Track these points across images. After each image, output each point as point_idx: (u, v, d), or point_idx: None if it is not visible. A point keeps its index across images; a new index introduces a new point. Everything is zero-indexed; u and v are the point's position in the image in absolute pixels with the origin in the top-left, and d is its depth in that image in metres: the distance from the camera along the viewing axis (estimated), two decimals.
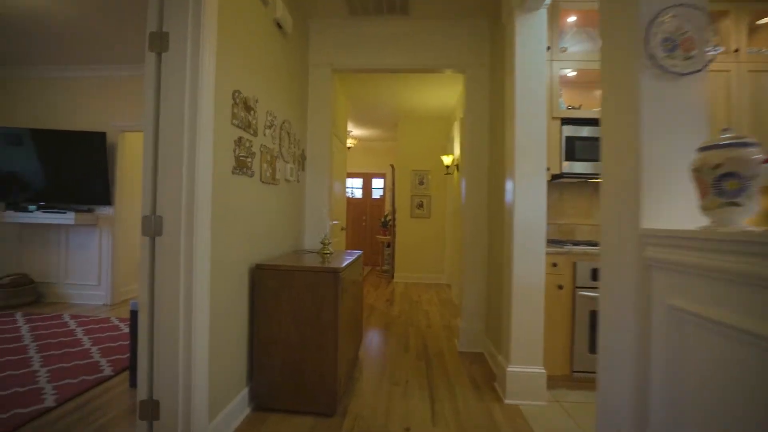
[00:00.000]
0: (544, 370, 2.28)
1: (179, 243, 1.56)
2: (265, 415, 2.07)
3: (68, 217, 4.12)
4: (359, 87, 4.95)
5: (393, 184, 6.76)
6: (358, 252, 2.94)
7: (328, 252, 2.68)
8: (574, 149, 2.76)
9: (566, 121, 2.76)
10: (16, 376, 2.44)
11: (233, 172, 1.91)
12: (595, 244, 2.61)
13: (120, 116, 4.41)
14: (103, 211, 4.39)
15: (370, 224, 8.32)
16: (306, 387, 2.06)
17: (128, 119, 4.39)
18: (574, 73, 2.88)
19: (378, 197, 8.49)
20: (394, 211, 6.56)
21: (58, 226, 4.44)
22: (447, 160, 5.53)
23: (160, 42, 1.61)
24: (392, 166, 6.91)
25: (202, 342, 1.63)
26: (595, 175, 2.75)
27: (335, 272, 2.03)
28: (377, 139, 8.19)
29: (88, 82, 4.47)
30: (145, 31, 1.57)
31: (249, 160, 2.07)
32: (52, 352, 2.85)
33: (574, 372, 2.43)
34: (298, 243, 3.11)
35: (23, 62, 4.32)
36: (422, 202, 6.47)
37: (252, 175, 2.12)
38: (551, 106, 2.67)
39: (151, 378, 1.61)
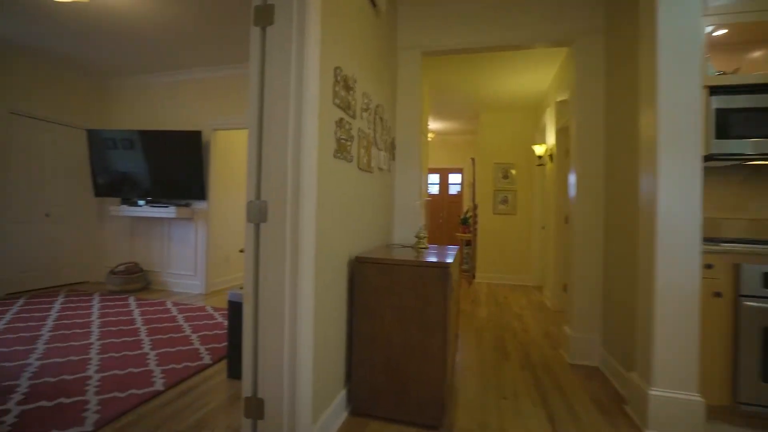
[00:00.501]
0: (701, 399, 1.82)
1: (284, 230, 1.44)
2: (364, 421, 1.91)
3: (170, 211, 4.42)
4: (438, 77, 4.68)
5: (474, 178, 6.38)
6: (454, 248, 2.68)
7: (424, 246, 2.46)
8: (727, 124, 2.22)
9: (716, 90, 2.24)
10: (132, 357, 2.58)
11: (335, 156, 1.76)
12: (764, 242, 2.06)
13: (213, 115, 4.63)
14: (199, 205, 4.65)
15: (447, 221, 7.99)
16: (409, 394, 1.85)
17: (220, 118, 4.59)
18: (723, 31, 2.34)
19: (455, 193, 8.13)
20: (475, 207, 6.19)
21: (162, 219, 4.80)
22: (539, 149, 5.03)
23: (265, 15, 1.50)
24: (473, 160, 6.53)
25: (307, 338, 1.50)
26: (761, 156, 2.18)
27: (444, 267, 1.80)
28: (454, 133, 7.84)
29: (185, 85, 4.77)
30: (233, 34, 1.51)
31: (348, 144, 1.92)
32: (159, 336, 3.01)
33: (739, 403, 1.93)
34: (388, 237, 2.94)
35: (133, 72, 4.74)
36: (506, 197, 6.01)
37: (351, 161, 1.97)
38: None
39: (255, 374, 1.51)
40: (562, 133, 4.29)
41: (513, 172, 6.03)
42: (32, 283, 4.46)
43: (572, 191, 2.95)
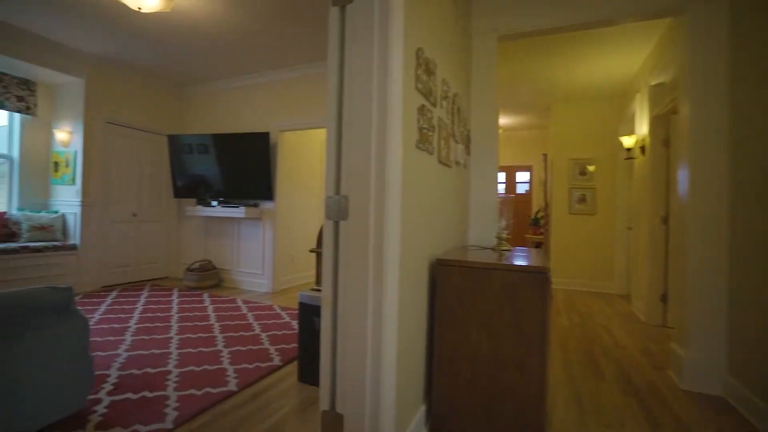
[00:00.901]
0: None
1: (368, 227, 1.30)
2: None
3: (240, 211, 4.56)
4: (504, 67, 4.35)
5: (546, 176, 5.90)
6: (531, 250, 2.39)
7: (506, 248, 2.21)
8: None
9: None
10: (207, 354, 2.62)
11: (417, 147, 1.59)
12: None
13: (280, 117, 4.71)
14: (266, 205, 4.75)
15: (515, 222, 7.52)
16: (498, 414, 1.62)
17: (287, 119, 4.66)
18: None
19: (523, 192, 7.64)
20: (547, 207, 5.71)
21: (232, 219, 4.98)
22: (628, 141, 4.48)
23: None
24: (544, 156, 6.06)
25: (391, 348, 1.34)
26: None
27: (543, 273, 1.55)
28: (522, 128, 7.36)
29: (253, 89, 4.91)
30: (299, 36, 1.41)
31: (430, 134, 1.74)
32: (230, 334, 3.05)
33: None
34: (463, 237, 2.71)
35: (206, 79, 4.97)
36: (584, 195, 5.47)
37: (432, 153, 1.79)
38: None
39: (333, 386, 1.38)
40: (658, 121, 3.76)
41: (591, 168, 5.48)
42: (123, 278, 4.84)
43: (682, 187, 2.51)
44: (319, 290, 2.28)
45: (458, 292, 1.69)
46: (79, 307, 3.65)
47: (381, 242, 1.28)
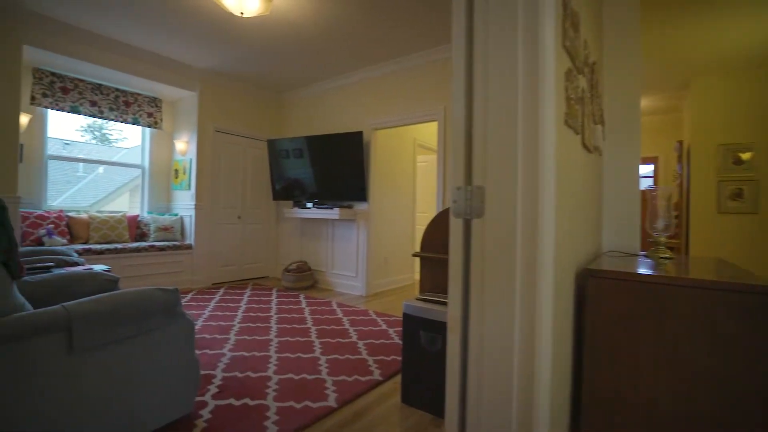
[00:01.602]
0: None
1: (513, 226, 0.97)
2: None
3: (334, 213, 4.52)
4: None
5: (681, 168, 4.88)
6: (713, 258, 1.80)
7: (668, 256, 1.69)
8: None
9: None
10: (305, 361, 2.51)
11: (565, 122, 1.21)
12: None
13: (373, 115, 4.58)
14: (360, 206, 4.65)
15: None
16: None
17: (380, 117, 4.50)
18: None
19: (646, 188, 6.50)
20: (686, 205, 4.71)
21: (326, 220, 4.99)
22: None
23: None
24: (679, 144, 5.03)
25: (544, 385, 0.99)
26: None
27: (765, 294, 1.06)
28: (647, 113, 6.27)
29: (346, 89, 4.86)
30: (392, 31, 1.14)
31: (576, 107, 1.34)
32: (327, 340, 2.93)
33: None
34: (598, 241, 2.21)
35: (302, 84, 5.08)
36: (740, 189, 4.37)
37: (578, 132, 1.38)
38: None
39: (462, 422, 1.07)
40: None
41: (747, 156, 4.36)
42: (229, 276, 5.15)
43: None
44: (425, 300, 2.00)
45: (620, 314, 1.26)
46: (193, 303, 3.91)
47: (533, 245, 0.94)
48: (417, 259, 6.23)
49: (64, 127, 4.82)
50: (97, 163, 5.41)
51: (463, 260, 1.06)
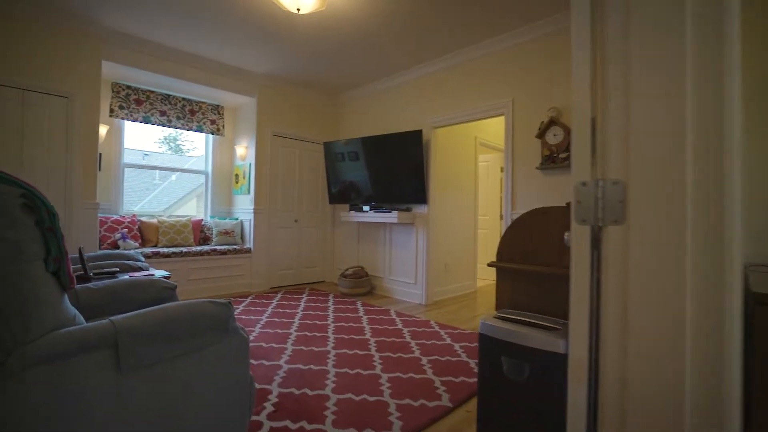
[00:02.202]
0: None
1: (681, 237, 0.66)
2: None
3: (392, 216, 4.30)
4: None
5: None
6: None
7: None
8: None
9: None
10: (365, 378, 2.30)
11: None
12: None
13: (433, 112, 4.31)
14: (419, 209, 4.39)
15: None
16: None
17: (440, 114, 4.23)
18: None
19: None
20: None
21: (383, 224, 4.80)
22: None
23: None
24: None
25: None
26: None
27: None
28: None
29: (404, 86, 4.64)
30: (447, 22, 0.88)
31: None
32: (388, 354, 2.71)
33: None
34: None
35: (357, 84, 4.94)
36: None
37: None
38: None
39: None
40: None
41: None
42: (287, 280, 5.14)
43: None
44: (506, 318, 1.69)
45: None
46: (251, 307, 3.89)
47: (714, 260, 0.63)
48: (480, 266, 5.83)
49: (143, 138, 5.13)
50: (167, 170, 5.70)
51: (592, 281, 0.76)
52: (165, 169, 6.55)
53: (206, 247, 4.49)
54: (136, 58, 3.97)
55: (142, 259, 3.04)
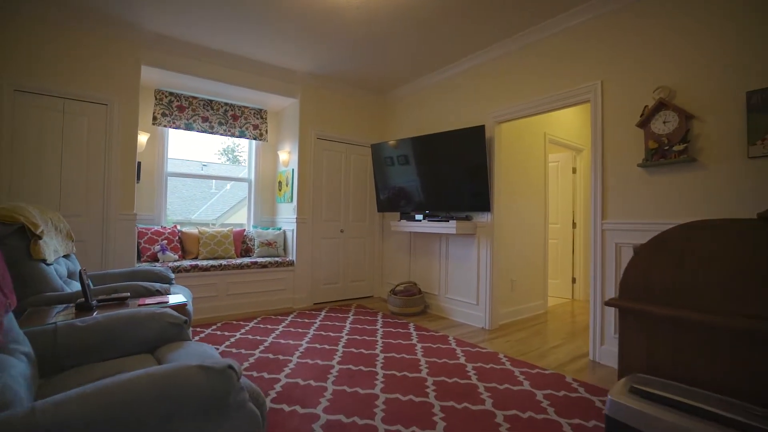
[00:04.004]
0: None
1: None
2: None
3: (450, 226, 3.72)
4: None
5: None
6: None
7: None
8: None
9: None
10: None
11: None
12: None
13: (496, 104, 3.70)
14: (480, 218, 3.78)
15: None
16: None
17: (505, 106, 3.60)
18: None
19: None
20: None
21: (438, 235, 4.23)
22: None
23: None
24: None
25: None
26: None
27: None
28: None
29: (462, 77, 4.07)
30: None
31: None
32: (452, 404, 2.14)
33: None
34: None
35: (406, 80, 4.44)
36: None
37: None
38: None
39: None
40: None
41: None
42: (331, 295, 4.73)
43: None
44: (650, 396, 1.08)
45: None
46: (291, 328, 3.46)
47: None
48: (551, 283, 5.05)
49: (202, 150, 5.06)
50: (209, 178, 5.56)
51: None
52: (207, 177, 6.49)
53: (246, 259, 4.20)
54: (176, 61, 3.78)
55: (172, 276, 2.73)
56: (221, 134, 4.60)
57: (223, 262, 4.00)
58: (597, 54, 2.94)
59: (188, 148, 4.99)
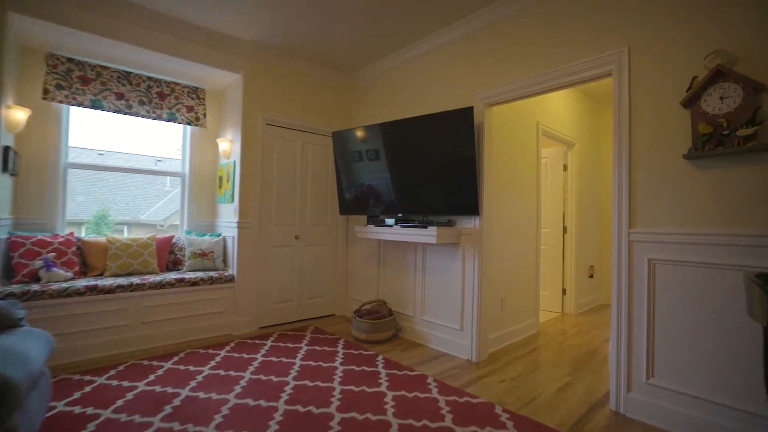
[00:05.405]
0: None
1: None
2: None
3: (429, 234, 2.97)
4: None
5: None
6: None
7: None
8: None
9: None
10: None
11: None
12: None
13: (486, 82, 2.98)
14: (467, 223, 3.05)
15: None
16: None
17: (499, 84, 2.89)
18: None
19: None
20: None
21: (413, 243, 3.48)
22: None
23: None
24: None
25: None
26: None
27: None
28: None
29: (446, 50, 3.33)
30: None
31: None
32: None
33: None
34: None
35: (377, 55, 3.66)
36: None
37: None
38: None
39: None
40: None
41: None
42: (283, 316, 3.87)
43: None
44: None
45: None
46: (222, 367, 2.52)
47: None
48: (542, 298, 4.42)
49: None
50: (126, 171, 4.57)
51: None
52: (124, 171, 5.47)
53: (171, 275, 3.28)
54: (72, 13, 2.81)
55: (19, 314, 1.82)
56: (143, 116, 3.64)
57: (136, 279, 3.06)
58: (622, 14, 2.27)
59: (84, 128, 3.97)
